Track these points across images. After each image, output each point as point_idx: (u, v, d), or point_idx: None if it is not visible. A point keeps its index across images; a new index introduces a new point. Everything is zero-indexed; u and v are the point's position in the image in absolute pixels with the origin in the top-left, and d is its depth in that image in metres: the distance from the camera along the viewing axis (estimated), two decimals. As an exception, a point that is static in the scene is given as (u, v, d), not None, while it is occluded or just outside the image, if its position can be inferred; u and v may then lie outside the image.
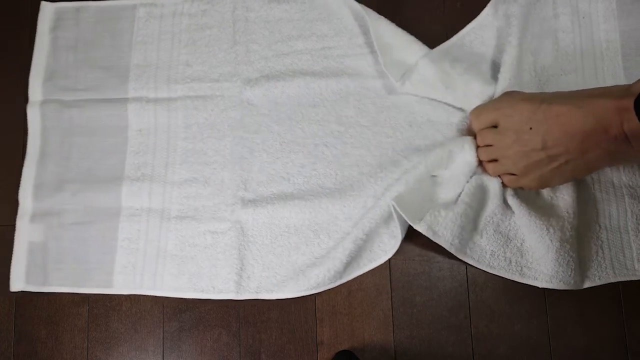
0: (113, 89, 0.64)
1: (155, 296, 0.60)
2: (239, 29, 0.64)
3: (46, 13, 0.67)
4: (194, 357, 0.58)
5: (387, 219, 0.57)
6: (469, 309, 0.57)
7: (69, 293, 0.60)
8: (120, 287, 0.59)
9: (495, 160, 0.54)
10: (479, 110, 0.56)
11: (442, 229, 0.53)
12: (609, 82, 0.59)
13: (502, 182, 0.56)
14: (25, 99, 0.65)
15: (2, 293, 0.61)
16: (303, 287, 0.57)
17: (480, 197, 0.55)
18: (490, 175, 0.56)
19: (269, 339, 0.58)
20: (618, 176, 0.57)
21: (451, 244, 0.54)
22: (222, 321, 0.59)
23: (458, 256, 0.55)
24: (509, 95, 0.54)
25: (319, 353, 0.57)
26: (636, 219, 0.56)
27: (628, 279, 0.55)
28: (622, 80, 0.59)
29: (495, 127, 0.54)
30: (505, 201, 0.56)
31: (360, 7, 0.61)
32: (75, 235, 0.61)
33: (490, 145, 0.54)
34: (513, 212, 0.55)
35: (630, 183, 0.57)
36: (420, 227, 0.54)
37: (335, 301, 0.58)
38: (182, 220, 0.60)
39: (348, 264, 0.57)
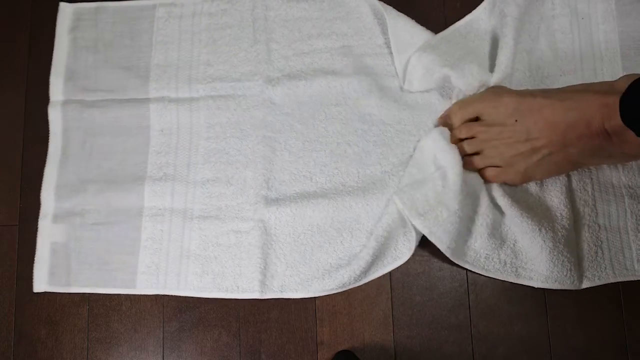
0: (134, 89, 0.64)
1: (156, 296, 0.60)
2: (259, 28, 0.64)
3: (65, 14, 0.67)
4: (194, 357, 0.58)
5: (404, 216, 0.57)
6: (469, 309, 0.57)
7: (69, 293, 0.60)
8: (144, 287, 0.59)
9: (478, 153, 0.55)
10: (461, 102, 0.56)
11: (440, 231, 0.53)
12: (608, 83, 0.59)
13: (486, 178, 0.56)
14: (24, 99, 0.65)
15: (2, 293, 0.61)
16: (328, 287, 0.57)
17: (471, 202, 0.55)
18: (471, 169, 0.56)
19: (269, 339, 0.58)
20: (617, 176, 0.57)
21: (448, 247, 0.54)
22: (222, 321, 0.59)
23: (454, 260, 0.55)
24: (494, 89, 0.55)
25: (319, 353, 0.57)
26: (636, 219, 0.56)
27: (628, 279, 0.55)
28: (621, 81, 0.59)
29: (477, 120, 0.55)
30: (494, 203, 0.56)
31: (379, 4, 0.61)
32: (97, 235, 0.61)
33: (473, 138, 0.55)
34: (504, 213, 0.55)
35: (630, 183, 0.57)
36: (418, 224, 0.54)
37: (335, 301, 0.58)
38: (205, 220, 0.60)
39: (373, 263, 0.56)
